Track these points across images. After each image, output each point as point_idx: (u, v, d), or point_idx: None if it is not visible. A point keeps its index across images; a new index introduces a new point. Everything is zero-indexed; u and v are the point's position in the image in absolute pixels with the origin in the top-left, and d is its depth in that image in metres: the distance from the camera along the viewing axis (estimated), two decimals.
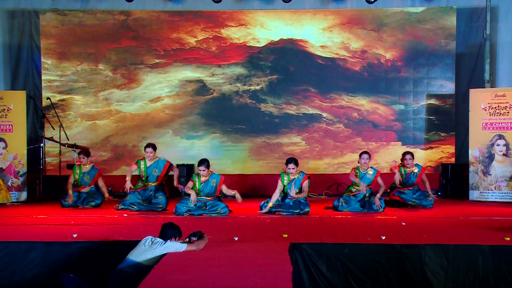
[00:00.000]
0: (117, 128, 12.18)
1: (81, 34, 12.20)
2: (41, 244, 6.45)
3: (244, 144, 12.28)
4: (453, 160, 12.07)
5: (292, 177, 9.17)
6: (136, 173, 9.78)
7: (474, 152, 11.07)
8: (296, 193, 9.07)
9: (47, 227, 7.73)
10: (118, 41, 12.25)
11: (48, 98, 11.70)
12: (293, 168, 9.14)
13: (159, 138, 12.00)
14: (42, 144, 11.47)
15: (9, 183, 10.82)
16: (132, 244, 6.41)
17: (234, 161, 12.14)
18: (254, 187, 12.03)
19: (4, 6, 12.26)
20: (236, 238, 6.69)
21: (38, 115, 11.97)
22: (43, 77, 12.15)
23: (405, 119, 12.16)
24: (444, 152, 12.09)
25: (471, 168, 11.07)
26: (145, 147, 9.75)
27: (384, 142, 12.04)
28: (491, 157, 10.92)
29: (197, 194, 9.08)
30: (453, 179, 11.54)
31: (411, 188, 9.88)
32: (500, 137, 10.90)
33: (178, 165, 11.63)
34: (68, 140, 11.35)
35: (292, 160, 9.24)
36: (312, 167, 12.08)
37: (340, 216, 8.85)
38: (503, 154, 10.86)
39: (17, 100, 11.23)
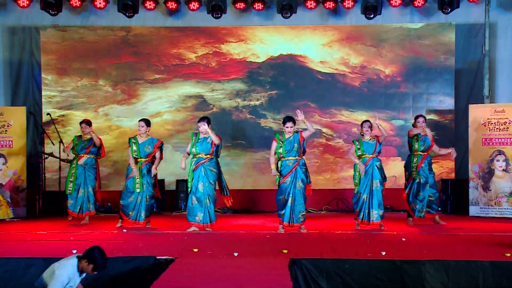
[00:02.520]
0: (117, 143, 12.19)
1: (82, 50, 12.24)
2: (41, 260, 6.41)
3: (243, 159, 12.28)
4: (453, 175, 12.06)
5: (288, 136, 8.99)
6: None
7: (474, 167, 11.08)
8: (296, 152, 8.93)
9: (47, 243, 7.71)
10: (118, 57, 12.29)
11: (48, 114, 11.72)
12: (291, 127, 8.96)
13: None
14: (42, 160, 11.48)
15: (9, 199, 10.81)
16: (130, 260, 6.41)
17: (233, 176, 12.11)
18: (254, 202, 12.04)
19: (5, 23, 12.31)
20: (236, 254, 6.67)
21: (38, 131, 11.97)
22: (43, 93, 12.17)
23: (404, 134, 12.10)
24: (444, 167, 12.09)
25: (471, 184, 11.07)
26: (139, 121, 9.63)
27: (383, 157, 11.99)
28: (491, 173, 10.93)
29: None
30: (453, 195, 11.54)
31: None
32: (500, 152, 10.91)
33: (178, 181, 11.69)
34: (68, 155, 11.34)
35: (291, 119, 9.07)
36: (312, 182, 12.06)
37: (340, 232, 8.83)
38: (503, 170, 10.86)
39: (17, 116, 11.26)
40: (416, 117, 9.85)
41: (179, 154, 11.97)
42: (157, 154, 9.55)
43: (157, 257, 6.45)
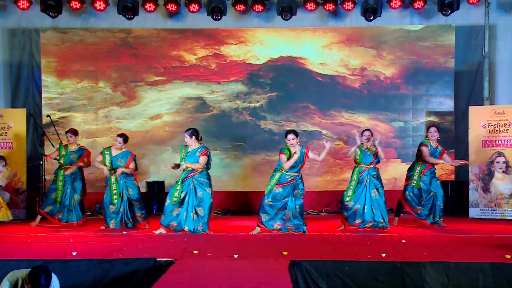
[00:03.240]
0: None
1: (81, 52, 12.25)
2: (41, 262, 6.40)
3: (244, 161, 12.28)
4: (453, 177, 12.06)
5: (294, 150, 8.97)
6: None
7: (474, 169, 11.08)
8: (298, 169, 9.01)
9: (47, 245, 7.72)
10: (118, 59, 12.29)
11: (48, 116, 11.71)
12: (293, 139, 8.94)
13: (159, 155, 12.03)
14: (41, 162, 11.48)
15: (9, 201, 10.81)
16: (130, 262, 6.42)
17: (234, 178, 12.13)
18: (254, 204, 12.01)
19: (5, 25, 12.31)
20: (236, 256, 6.68)
21: (38, 133, 11.96)
22: (43, 95, 12.18)
23: (404, 136, 12.18)
24: (444, 169, 12.07)
25: (471, 185, 11.08)
26: (117, 136, 9.76)
27: (383, 159, 12.03)
28: (491, 174, 10.93)
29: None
30: (453, 197, 11.54)
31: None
32: (500, 154, 10.92)
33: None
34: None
35: (292, 131, 9.08)
36: (312, 184, 12.08)
37: (340, 234, 8.84)
38: (503, 171, 10.87)
39: (17, 118, 11.26)
40: (428, 127, 9.97)
41: (179, 156, 12.00)
42: (132, 166, 9.64)
43: (157, 259, 6.46)
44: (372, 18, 11.78)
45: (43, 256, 6.70)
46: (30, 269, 5.23)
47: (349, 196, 9.30)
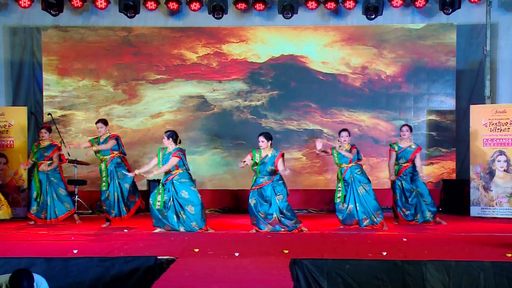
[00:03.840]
0: None
1: (83, 50, 12.25)
2: (42, 260, 6.43)
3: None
4: (454, 176, 12.06)
5: (265, 154, 8.95)
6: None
7: (475, 168, 11.07)
8: (270, 173, 8.90)
9: (48, 243, 7.73)
10: (120, 57, 12.30)
11: (49, 114, 11.71)
12: (262, 142, 8.89)
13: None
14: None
15: (10, 199, 10.82)
16: (131, 260, 6.42)
17: (235, 176, 12.12)
18: None
19: (6, 23, 12.31)
20: (237, 254, 6.68)
21: (39, 131, 11.97)
22: (44, 93, 12.18)
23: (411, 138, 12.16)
24: (445, 168, 12.08)
25: (472, 184, 11.07)
26: (96, 123, 9.91)
27: (385, 157, 11.97)
28: (492, 173, 10.92)
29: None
30: (454, 195, 11.54)
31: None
32: (501, 153, 10.91)
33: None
34: (69, 155, 11.36)
35: (262, 134, 9.06)
36: (312, 182, 12.10)
37: (340, 232, 8.84)
38: (504, 170, 10.86)
39: (18, 116, 11.27)
40: (401, 127, 10.04)
41: None
42: (111, 143, 9.71)
43: (158, 257, 6.47)
44: (373, 16, 11.77)
45: (44, 254, 6.71)
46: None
47: (339, 197, 9.33)
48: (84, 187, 11.75)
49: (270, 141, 9.00)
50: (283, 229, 8.80)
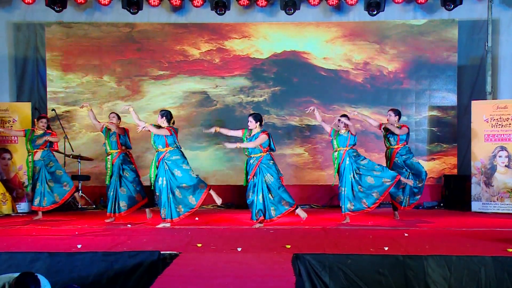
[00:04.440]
0: None
1: (86, 46, 12.26)
2: (46, 254, 6.44)
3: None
4: (455, 171, 12.06)
5: (254, 132, 9.02)
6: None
7: (476, 163, 11.07)
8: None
9: (52, 238, 7.74)
10: (123, 53, 12.30)
11: (53, 110, 11.74)
12: (250, 122, 8.99)
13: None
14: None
15: (14, 194, 10.84)
16: (135, 255, 6.43)
17: (237, 172, 12.11)
18: None
19: (10, 19, 12.32)
20: (240, 249, 6.69)
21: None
22: (48, 89, 12.20)
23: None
24: (447, 163, 12.08)
25: (474, 180, 11.07)
26: (109, 114, 10.00)
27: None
28: (493, 169, 10.92)
29: None
30: (455, 190, 11.54)
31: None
32: (502, 148, 10.90)
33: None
34: (73, 151, 11.39)
35: (251, 114, 9.14)
36: (314, 178, 12.11)
37: (342, 227, 8.85)
38: (505, 166, 10.86)
39: (23, 112, 11.28)
40: (389, 110, 9.98)
41: (183, 149, 12.00)
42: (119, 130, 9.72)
43: (162, 252, 6.47)
44: (375, 12, 11.76)
45: (48, 249, 6.72)
46: (17, 275, 5.01)
47: (337, 181, 9.35)
48: (88, 183, 11.79)
49: (258, 122, 9.04)
50: (274, 217, 8.86)
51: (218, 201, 9.18)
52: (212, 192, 9.10)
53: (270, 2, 12.09)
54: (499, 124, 10.96)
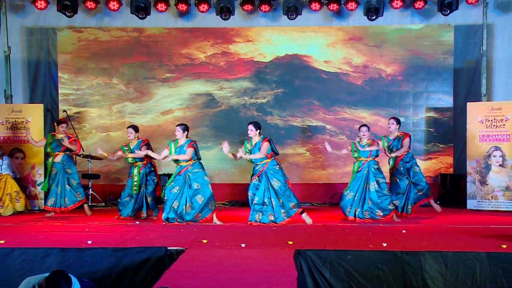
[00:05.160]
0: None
1: (96, 50, 12.28)
2: (58, 250, 6.46)
3: None
4: (451, 170, 12.04)
5: (254, 142, 8.97)
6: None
7: (471, 163, 11.05)
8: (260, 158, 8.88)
9: (63, 234, 7.74)
10: (131, 57, 12.31)
11: (64, 111, 11.77)
12: (251, 130, 8.93)
13: None
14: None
15: (27, 192, 10.86)
16: (142, 251, 6.44)
17: (241, 170, 12.12)
18: None
19: (24, 24, 12.34)
20: (243, 245, 6.68)
21: (55, 127, 12.01)
22: (59, 91, 12.22)
23: (405, 131, 12.06)
24: (443, 162, 12.06)
25: (469, 178, 11.05)
26: (127, 128, 9.78)
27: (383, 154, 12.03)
28: (488, 168, 10.90)
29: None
30: (451, 189, 11.53)
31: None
32: (497, 148, 10.88)
33: None
34: (83, 151, 11.40)
35: (252, 122, 9.07)
36: (316, 177, 12.09)
37: (342, 224, 8.84)
38: (500, 165, 10.83)
39: (35, 113, 11.30)
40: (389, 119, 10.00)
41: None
42: (143, 149, 9.50)
43: (168, 248, 6.48)
44: (374, 17, 11.74)
45: (60, 245, 6.73)
46: (46, 275, 4.90)
47: (347, 185, 9.33)
48: (98, 181, 11.80)
49: (258, 130, 9.03)
50: (270, 221, 8.77)
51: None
52: (215, 218, 9.03)
53: (273, 7, 12.08)
54: (494, 125, 10.94)
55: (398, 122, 9.87)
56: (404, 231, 7.90)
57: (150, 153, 9.22)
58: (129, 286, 6.32)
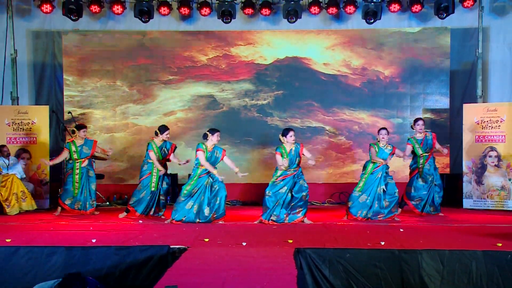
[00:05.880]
0: (133, 140, 12.23)
1: (100, 53, 12.27)
2: (63, 248, 6.45)
3: (251, 155, 12.28)
4: (448, 170, 12.03)
5: (289, 148, 8.94)
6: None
7: (467, 163, 11.04)
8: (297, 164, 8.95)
9: (68, 233, 7.74)
10: (135, 59, 12.31)
11: (69, 112, 11.76)
12: (292, 136, 8.91)
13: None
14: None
15: (33, 191, 10.86)
16: (145, 249, 6.43)
17: (242, 170, 12.00)
18: (261, 195, 12.01)
19: (30, 27, 12.34)
20: (244, 243, 6.68)
21: (60, 128, 12.02)
22: (65, 93, 12.21)
23: (402, 132, 12.13)
24: (440, 162, 12.00)
25: (465, 178, 11.04)
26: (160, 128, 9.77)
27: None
28: (483, 168, 10.89)
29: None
30: (448, 188, 11.48)
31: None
32: (492, 149, 10.87)
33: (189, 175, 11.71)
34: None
35: (291, 129, 9.05)
36: (315, 177, 12.07)
37: (341, 223, 8.83)
38: (495, 165, 10.82)
39: (41, 114, 11.31)
40: (416, 120, 9.90)
41: (191, 151, 11.95)
42: (171, 157, 9.66)
43: (171, 246, 6.47)
44: (372, 21, 11.74)
45: (65, 243, 6.72)
46: (58, 280, 4.67)
47: (359, 187, 9.24)
48: (102, 181, 11.78)
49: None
50: (285, 221, 8.78)
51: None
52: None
53: (273, 11, 12.08)
54: (489, 126, 10.93)
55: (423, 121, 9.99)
56: (401, 230, 7.89)
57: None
58: (132, 284, 6.31)
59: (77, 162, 9.89)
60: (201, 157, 8.88)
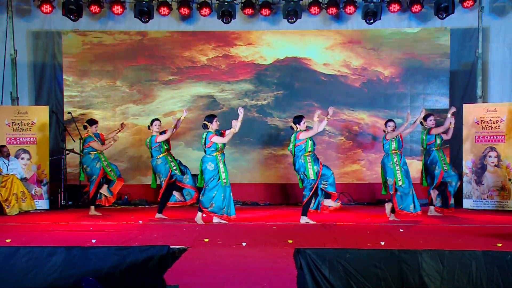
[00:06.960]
0: (133, 140, 12.23)
1: (100, 53, 12.27)
2: (62, 249, 6.44)
3: (251, 155, 12.28)
4: None
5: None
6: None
7: (467, 163, 11.05)
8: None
9: (68, 233, 7.74)
10: (135, 60, 12.31)
11: (69, 113, 11.76)
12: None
13: (172, 149, 11.96)
14: (63, 156, 11.53)
15: (33, 192, 10.86)
16: (145, 249, 6.43)
17: (242, 171, 12.14)
18: (261, 195, 12.04)
19: (30, 28, 12.35)
20: (244, 244, 6.68)
21: (60, 129, 12.02)
22: (64, 93, 12.21)
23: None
24: None
25: (465, 178, 11.04)
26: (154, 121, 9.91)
27: (383, 153, 11.97)
28: (483, 168, 10.89)
29: None
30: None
31: None
32: (492, 149, 10.87)
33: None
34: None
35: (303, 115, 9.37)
36: None
37: (341, 223, 8.83)
38: (495, 165, 10.83)
39: (41, 115, 11.31)
40: (428, 116, 9.92)
41: (191, 151, 12.03)
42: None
43: (171, 247, 6.47)
44: (372, 21, 11.75)
45: (65, 243, 6.72)
46: None
47: (400, 180, 9.07)
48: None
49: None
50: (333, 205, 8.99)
51: None
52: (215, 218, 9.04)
53: (273, 11, 12.08)
54: (489, 126, 10.93)
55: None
56: (401, 230, 7.89)
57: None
58: (132, 284, 6.31)
59: (100, 154, 10.02)
60: (219, 138, 9.01)
